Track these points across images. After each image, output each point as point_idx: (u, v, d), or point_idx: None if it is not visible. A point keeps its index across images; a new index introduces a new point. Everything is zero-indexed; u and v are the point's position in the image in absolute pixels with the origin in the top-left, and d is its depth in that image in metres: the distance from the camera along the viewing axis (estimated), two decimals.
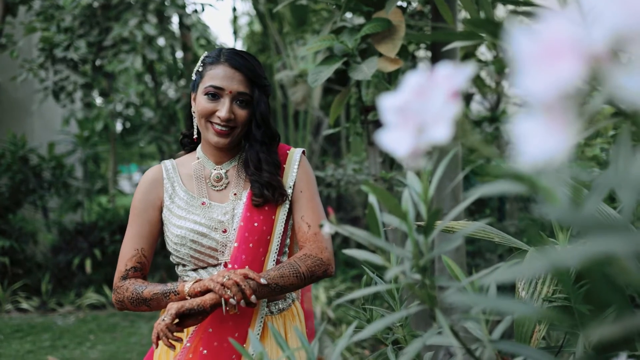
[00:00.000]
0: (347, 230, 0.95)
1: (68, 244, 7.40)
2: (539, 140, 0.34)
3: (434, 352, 1.40)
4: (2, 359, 5.15)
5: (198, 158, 1.91)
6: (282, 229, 1.84)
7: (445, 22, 3.11)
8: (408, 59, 3.57)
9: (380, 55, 2.89)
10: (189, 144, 1.98)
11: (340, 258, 6.92)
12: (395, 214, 0.87)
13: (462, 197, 3.04)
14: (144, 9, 5.75)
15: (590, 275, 0.51)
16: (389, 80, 3.05)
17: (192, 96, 1.88)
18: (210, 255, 1.80)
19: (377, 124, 3.04)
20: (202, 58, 1.87)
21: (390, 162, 3.39)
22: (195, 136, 1.91)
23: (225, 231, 1.80)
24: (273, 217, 1.83)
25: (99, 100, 6.85)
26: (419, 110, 0.55)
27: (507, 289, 1.26)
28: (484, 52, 5.59)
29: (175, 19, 6.86)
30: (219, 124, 1.77)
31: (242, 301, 1.60)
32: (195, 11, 6.66)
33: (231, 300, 1.59)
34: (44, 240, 7.76)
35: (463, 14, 4.16)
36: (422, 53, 4.38)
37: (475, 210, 5.55)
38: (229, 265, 1.77)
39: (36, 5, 6.93)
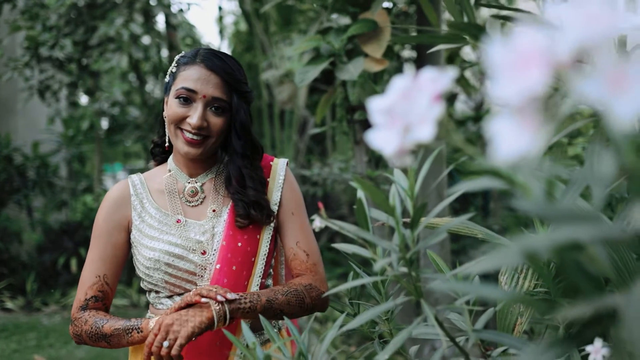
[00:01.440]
0: (337, 224, 1.00)
1: (53, 244, 7.39)
2: (512, 139, 0.38)
3: (418, 347, 1.44)
4: None
5: (170, 170, 1.71)
6: (267, 250, 1.68)
7: (430, 23, 3.16)
8: (393, 59, 3.62)
9: (366, 55, 2.94)
10: (160, 154, 1.78)
11: (326, 257, 6.97)
12: (383, 209, 0.91)
13: (446, 194, 3.09)
14: (130, 8, 5.76)
15: (563, 262, 0.55)
16: (375, 80, 3.10)
17: (165, 99, 1.68)
18: (187, 280, 1.62)
19: (364, 123, 3.08)
20: (176, 58, 1.68)
21: (375, 161, 3.43)
22: (167, 144, 1.68)
23: (204, 253, 1.62)
24: (258, 236, 1.67)
25: (84, 99, 6.82)
26: (405, 112, 0.59)
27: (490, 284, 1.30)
28: (468, 52, 5.66)
29: (161, 18, 6.87)
30: (189, 132, 1.58)
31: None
32: (181, 10, 6.67)
33: (218, 297, 1.42)
34: (29, 239, 7.73)
35: (447, 15, 4.22)
36: (407, 53, 4.43)
37: (460, 209, 5.62)
38: None
39: (20, 3, 6.90)
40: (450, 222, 0.93)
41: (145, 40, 6.30)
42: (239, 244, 1.63)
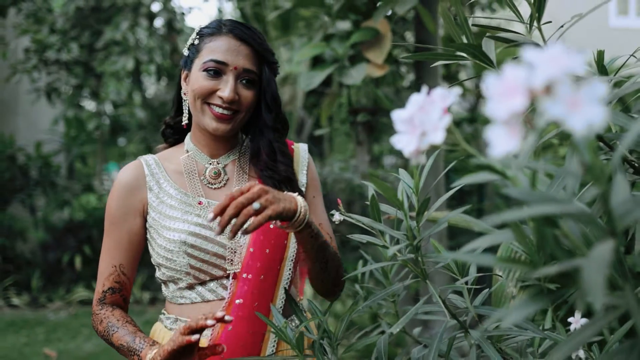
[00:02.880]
0: (354, 217, 1.18)
1: (57, 242, 7.54)
2: (503, 143, 0.56)
3: (420, 328, 1.60)
4: (1, 352, 5.29)
5: (187, 151, 1.59)
6: None
7: (428, 30, 3.36)
8: (392, 64, 3.80)
9: (368, 61, 3.12)
10: (172, 135, 1.67)
11: None
12: (392, 203, 1.09)
13: (444, 191, 3.28)
14: (135, 12, 5.93)
15: (542, 236, 0.73)
16: (376, 84, 3.28)
17: (183, 75, 1.57)
18: (214, 265, 1.50)
19: (366, 125, 3.27)
20: (197, 30, 1.56)
21: (376, 160, 3.61)
22: (185, 122, 1.58)
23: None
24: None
25: (87, 101, 6.98)
26: (421, 121, 0.77)
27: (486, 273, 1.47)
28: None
29: (159, 22, 7.02)
30: (219, 106, 1.47)
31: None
32: (183, 14, 6.84)
33: (208, 321, 1.25)
34: (33, 237, 7.88)
35: (442, 21, 4.38)
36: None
37: (457, 206, 5.80)
38: (244, 276, 1.50)
39: (26, 7, 7.05)
40: (451, 214, 1.10)
41: (149, 42, 6.46)
42: (271, 226, 1.52)
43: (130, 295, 1.60)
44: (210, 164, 1.58)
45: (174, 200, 1.53)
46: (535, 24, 1.21)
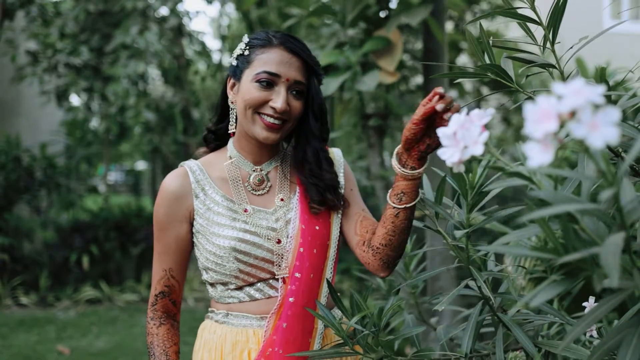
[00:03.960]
0: (427, 201, 1.35)
1: (64, 242, 7.67)
2: (538, 156, 0.72)
3: (437, 318, 1.74)
4: (14, 349, 5.43)
5: (231, 157, 1.65)
6: (338, 233, 1.66)
7: (436, 38, 3.52)
8: (402, 70, 3.96)
9: (379, 68, 3.28)
10: (214, 141, 1.73)
11: None
12: (463, 193, 1.24)
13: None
14: (144, 16, 6.08)
15: (565, 230, 0.89)
16: (387, 90, 3.44)
17: (230, 83, 1.63)
18: (262, 268, 1.57)
19: (377, 130, 3.43)
20: (246, 40, 1.61)
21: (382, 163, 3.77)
22: (233, 130, 1.64)
23: (279, 242, 1.58)
24: (329, 220, 1.65)
25: (95, 103, 7.12)
26: (463, 137, 0.93)
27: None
28: (466, 62, 6.03)
29: (168, 26, 7.16)
30: (271, 116, 1.53)
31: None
32: (190, 18, 6.98)
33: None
34: (40, 237, 8.00)
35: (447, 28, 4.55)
36: (410, 62, 4.74)
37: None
38: (296, 275, 1.57)
39: (34, 11, 7.18)
40: (502, 211, 1.28)
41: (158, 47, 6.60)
42: (317, 227, 1.60)
43: (181, 299, 1.68)
44: (254, 170, 1.64)
45: (220, 207, 1.58)
46: (549, 45, 1.37)
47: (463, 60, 5.93)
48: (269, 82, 1.52)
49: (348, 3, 3.60)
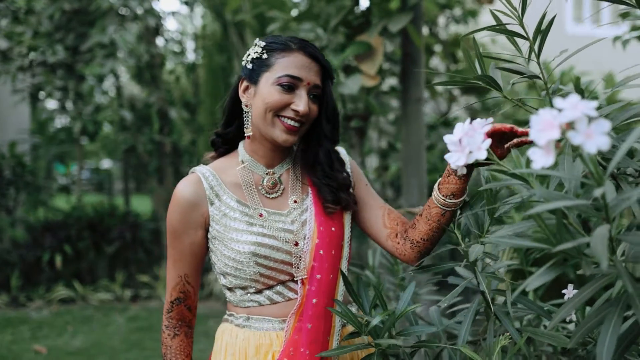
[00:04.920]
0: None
1: (35, 241, 7.62)
2: (540, 159, 0.84)
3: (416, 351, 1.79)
4: None
5: (243, 162, 1.66)
6: (350, 233, 1.70)
7: (415, 44, 3.67)
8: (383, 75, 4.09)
9: (360, 71, 3.40)
10: (222, 145, 1.73)
11: None
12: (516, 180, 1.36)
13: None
14: (120, 16, 6.11)
15: (560, 223, 1.02)
16: (367, 93, 3.57)
17: (242, 87, 1.62)
18: (282, 271, 1.58)
19: (358, 131, 3.55)
20: (262, 44, 1.60)
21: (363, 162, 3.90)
22: (249, 134, 1.62)
23: (296, 244, 1.59)
24: (342, 220, 1.68)
25: (70, 102, 7.09)
26: (468, 143, 1.05)
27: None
28: (437, 64, 6.20)
29: (139, 26, 7.18)
30: (292, 119, 1.55)
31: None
32: (162, 18, 7.01)
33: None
34: (11, 237, 7.93)
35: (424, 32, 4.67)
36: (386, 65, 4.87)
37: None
38: (316, 276, 1.59)
39: (4, 8, 7.12)
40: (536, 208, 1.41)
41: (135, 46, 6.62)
42: (333, 229, 1.63)
43: (196, 304, 1.69)
44: (267, 174, 1.65)
45: (235, 213, 1.59)
46: (534, 58, 1.50)
47: (435, 62, 6.11)
48: (290, 85, 1.53)
49: (331, 9, 3.74)
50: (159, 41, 7.58)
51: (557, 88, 1.67)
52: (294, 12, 5.05)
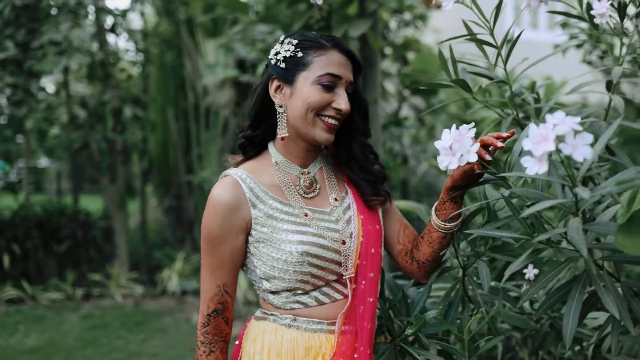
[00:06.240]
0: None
1: None
2: (533, 167, 1.02)
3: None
4: None
5: (277, 163, 1.62)
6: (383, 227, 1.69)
7: (373, 48, 3.86)
8: None
9: None
10: (252, 148, 1.67)
11: None
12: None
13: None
14: (74, 13, 6.06)
15: (536, 217, 1.20)
16: None
17: (274, 86, 1.57)
18: (331, 270, 1.56)
19: None
20: (294, 42, 1.56)
21: None
22: (285, 135, 1.57)
23: (344, 243, 1.57)
24: (379, 216, 1.67)
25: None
26: (458, 148, 1.22)
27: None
28: (388, 67, 6.43)
29: (90, 21, 7.13)
30: (333, 117, 1.54)
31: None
32: (117, 15, 6.98)
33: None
34: None
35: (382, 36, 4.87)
36: None
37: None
38: (370, 275, 1.58)
39: None
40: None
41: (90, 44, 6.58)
42: (377, 226, 1.63)
43: (232, 316, 1.61)
44: (302, 174, 1.62)
45: (281, 214, 1.55)
46: (500, 64, 1.69)
47: (386, 65, 6.34)
48: (331, 84, 1.52)
49: (288, 12, 3.88)
50: (112, 39, 7.55)
51: (519, 91, 1.89)
52: (252, 14, 5.18)
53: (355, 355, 1.53)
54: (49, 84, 8.07)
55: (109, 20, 6.40)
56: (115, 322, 6.28)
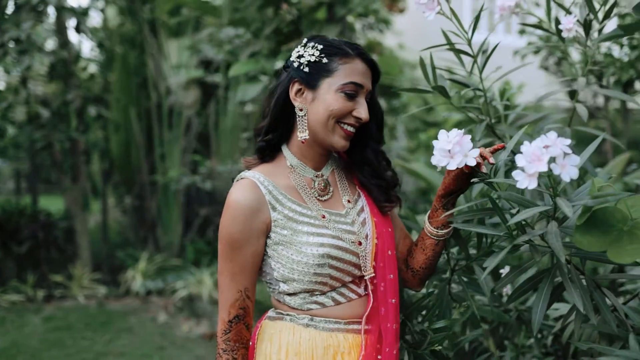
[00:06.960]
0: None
1: None
2: (524, 181, 1.12)
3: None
4: None
5: (291, 166, 1.63)
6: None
7: None
8: None
9: None
10: (270, 152, 1.65)
11: None
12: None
13: None
14: (36, 11, 5.98)
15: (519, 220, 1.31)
16: None
17: (295, 89, 1.57)
18: (349, 272, 1.59)
19: None
20: (320, 47, 1.56)
21: None
22: (306, 137, 1.56)
23: (360, 244, 1.59)
24: (390, 220, 1.70)
25: None
26: (459, 151, 1.31)
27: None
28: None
29: (52, 18, 7.04)
30: (352, 125, 1.56)
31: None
32: (84, 13, 6.90)
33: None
34: None
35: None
36: None
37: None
38: (389, 276, 1.61)
39: None
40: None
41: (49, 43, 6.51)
42: (390, 229, 1.66)
43: (252, 321, 1.62)
44: (317, 176, 1.63)
45: (300, 216, 1.56)
46: (476, 71, 1.81)
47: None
48: (354, 93, 1.54)
49: (257, 16, 3.95)
50: (74, 37, 7.45)
51: (492, 98, 2.03)
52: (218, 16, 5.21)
53: (379, 357, 1.56)
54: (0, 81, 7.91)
55: (71, 20, 6.32)
56: (79, 323, 6.23)
